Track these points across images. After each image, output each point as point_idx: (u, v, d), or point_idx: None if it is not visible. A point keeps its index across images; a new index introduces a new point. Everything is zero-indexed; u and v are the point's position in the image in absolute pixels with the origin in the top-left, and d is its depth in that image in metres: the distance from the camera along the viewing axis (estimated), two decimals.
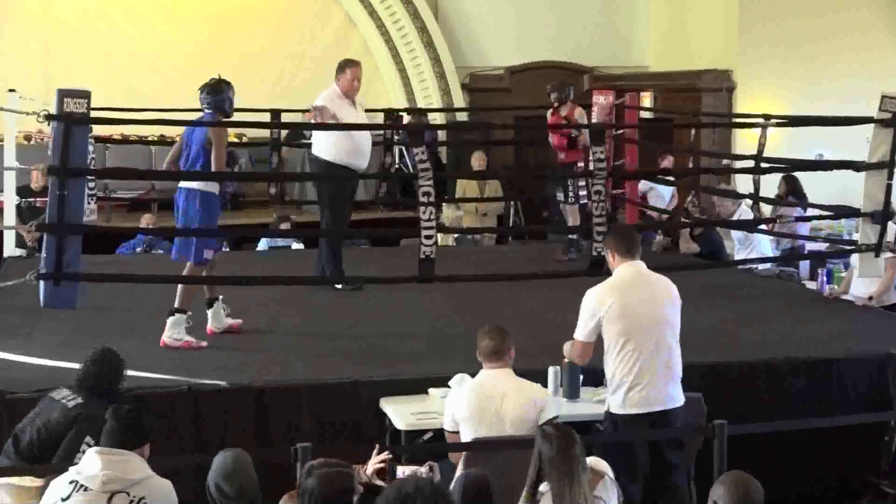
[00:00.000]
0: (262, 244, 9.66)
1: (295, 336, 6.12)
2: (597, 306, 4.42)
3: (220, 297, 6.11)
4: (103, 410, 3.67)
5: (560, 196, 8.34)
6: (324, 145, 7.11)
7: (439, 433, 4.42)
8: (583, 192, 8.12)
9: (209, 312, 6.09)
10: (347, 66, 7.17)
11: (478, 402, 4.16)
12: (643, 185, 9.97)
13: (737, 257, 8.65)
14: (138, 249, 9.21)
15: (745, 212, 8.89)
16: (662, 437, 4.42)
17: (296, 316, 6.63)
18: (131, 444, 3.50)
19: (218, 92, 5.79)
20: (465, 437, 4.19)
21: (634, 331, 4.36)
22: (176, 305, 5.77)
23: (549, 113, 8.46)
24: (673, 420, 4.41)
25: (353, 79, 7.12)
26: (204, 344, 5.77)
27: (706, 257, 8.75)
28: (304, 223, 11.03)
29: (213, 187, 5.80)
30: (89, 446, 3.77)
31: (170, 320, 5.76)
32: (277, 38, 13.19)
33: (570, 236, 8.50)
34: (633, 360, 4.34)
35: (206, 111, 5.84)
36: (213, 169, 5.68)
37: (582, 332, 4.48)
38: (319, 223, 7.54)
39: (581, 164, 8.21)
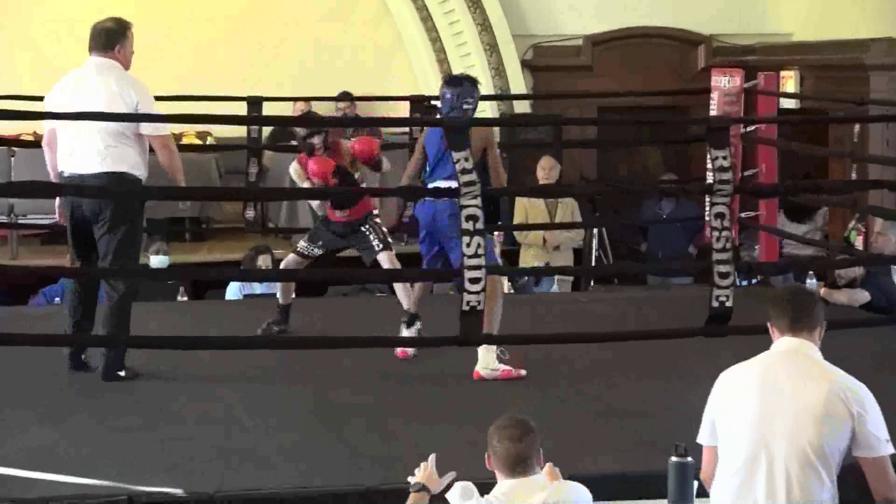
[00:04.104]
0: (233, 290, 9.69)
1: (277, 422, 6.13)
2: (713, 393, 4.36)
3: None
4: None
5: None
6: (140, 156, 6.72)
7: None
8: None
9: (410, 331, 7.08)
10: (129, 26, 6.86)
11: None
12: None
13: None
14: (57, 300, 9.27)
15: None
16: None
17: (279, 391, 6.66)
18: None
19: (476, 87, 6.95)
20: None
21: (742, 438, 4.23)
22: (486, 330, 6.49)
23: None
24: None
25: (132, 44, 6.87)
26: (523, 373, 6.69)
27: (877, 310, 8.67)
28: None
29: None
30: None
31: (483, 349, 6.62)
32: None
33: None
34: (736, 482, 4.23)
35: (457, 110, 6.82)
36: (500, 179, 6.88)
37: (701, 431, 4.41)
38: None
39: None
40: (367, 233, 7.63)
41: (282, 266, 7.95)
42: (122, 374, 6.67)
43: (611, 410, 6.30)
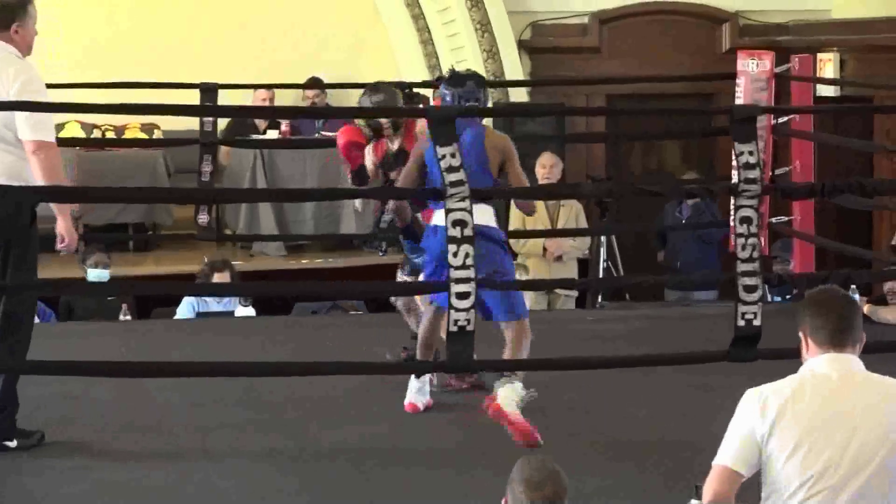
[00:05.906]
0: (185, 308, 9.69)
1: (238, 461, 6.13)
2: (750, 416, 4.31)
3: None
4: None
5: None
6: (25, 164, 6.13)
7: None
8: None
9: (415, 383, 6.77)
10: (30, 1, 6.24)
11: None
12: None
13: None
14: None
15: None
16: None
17: (240, 424, 6.66)
18: None
19: (483, 86, 6.79)
20: None
21: (822, 468, 4.22)
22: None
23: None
24: None
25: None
26: (538, 436, 6.07)
27: None
28: (257, 274, 11.04)
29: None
30: None
31: (503, 389, 6.17)
32: None
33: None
34: None
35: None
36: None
37: (724, 452, 4.39)
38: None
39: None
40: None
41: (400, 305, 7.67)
42: (13, 444, 6.07)
43: (620, 446, 6.31)
